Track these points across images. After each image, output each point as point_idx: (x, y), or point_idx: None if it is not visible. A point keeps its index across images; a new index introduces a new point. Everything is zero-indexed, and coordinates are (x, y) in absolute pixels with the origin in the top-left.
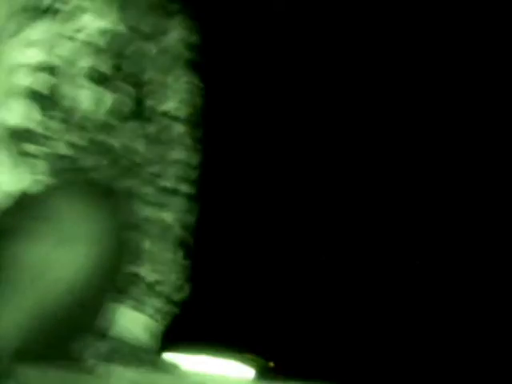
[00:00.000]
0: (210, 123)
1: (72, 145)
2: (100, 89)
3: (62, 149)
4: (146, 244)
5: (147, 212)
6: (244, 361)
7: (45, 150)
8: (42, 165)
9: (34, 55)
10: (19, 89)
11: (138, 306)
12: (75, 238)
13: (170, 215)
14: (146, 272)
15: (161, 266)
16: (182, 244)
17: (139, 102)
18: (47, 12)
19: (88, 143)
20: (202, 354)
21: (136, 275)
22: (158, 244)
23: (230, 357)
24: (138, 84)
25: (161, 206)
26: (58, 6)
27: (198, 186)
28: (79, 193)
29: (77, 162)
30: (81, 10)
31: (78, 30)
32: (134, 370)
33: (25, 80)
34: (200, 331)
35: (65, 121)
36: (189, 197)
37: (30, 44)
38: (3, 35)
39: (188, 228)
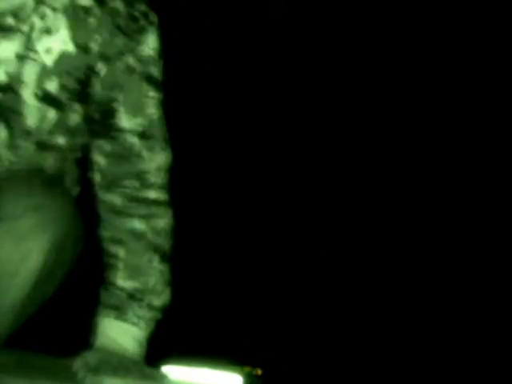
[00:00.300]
0: (212, 123)
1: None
2: (45, 106)
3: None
4: (121, 253)
5: (118, 222)
6: (232, 369)
7: None
8: None
9: None
10: None
11: (121, 316)
12: (26, 232)
13: (141, 223)
14: (124, 281)
15: (137, 273)
16: (156, 250)
17: (93, 118)
18: (8, 31)
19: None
20: (191, 365)
21: (114, 285)
22: (132, 252)
23: (217, 366)
24: (89, 102)
25: (130, 215)
26: (16, 25)
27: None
28: (26, 187)
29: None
30: (34, 29)
31: (29, 49)
32: (122, 380)
33: None
34: (187, 342)
35: (10, 134)
36: (158, 203)
37: None
38: None
39: (161, 233)
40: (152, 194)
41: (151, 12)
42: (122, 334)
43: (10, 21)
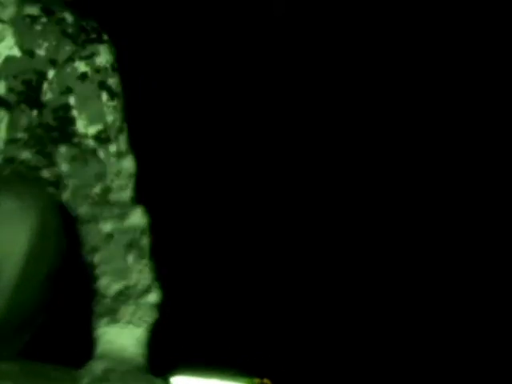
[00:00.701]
0: (211, 123)
1: None
2: None
3: None
4: (96, 259)
5: (88, 230)
6: (240, 380)
7: None
8: None
9: None
10: None
11: (112, 319)
12: (12, 217)
13: (108, 224)
14: (106, 287)
15: (116, 275)
16: (128, 248)
17: (50, 125)
18: None
19: (2, 162)
20: (199, 376)
21: (99, 293)
22: (106, 256)
23: (226, 377)
24: (41, 106)
25: (96, 220)
26: None
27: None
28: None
29: None
30: None
31: None
32: None
33: None
34: (195, 353)
35: None
36: (123, 204)
37: None
38: None
39: (130, 231)
40: (114, 196)
41: (103, 31)
42: (118, 335)
43: None
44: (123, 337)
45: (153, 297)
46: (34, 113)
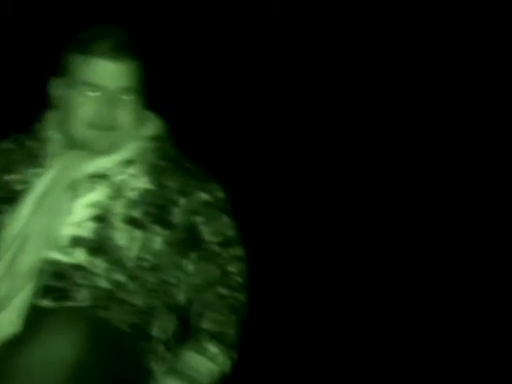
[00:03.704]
0: (211, 123)
1: (113, 281)
2: (131, 228)
3: (103, 283)
4: (206, 310)
5: (207, 293)
6: None
7: (88, 282)
8: (83, 292)
9: (91, 211)
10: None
11: (200, 350)
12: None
13: (224, 290)
14: (210, 326)
15: (222, 323)
16: (234, 311)
17: (177, 240)
18: (102, 179)
19: (127, 279)
20: None
21: (199, 328)
22: (219, 309)
23: None
24: (170, 227)
25: (220, 285)
26: (109, 174)
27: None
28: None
29: (115, 294)
30: (123, 181)
31: (119, 193)
32: None
33: (75, 230)
34: None
35: (109, 260)
36: (239, 286)
37: (90, 205)
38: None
39: (238, 302)
40: (231, 275)
41: (219, 185)
42: (198, 363)
43: (106, 171)
44: (201, 365)
45: (235, 355)
46: (167, 232)
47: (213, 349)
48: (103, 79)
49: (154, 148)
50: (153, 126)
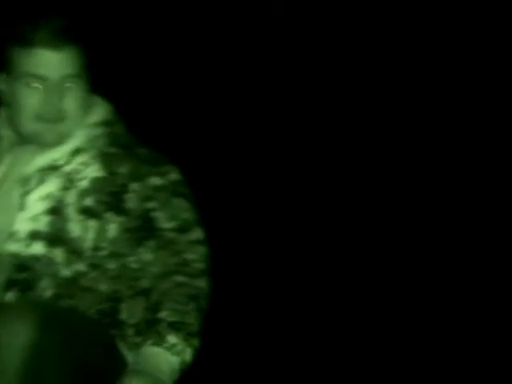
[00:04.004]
0: (211, 123)
1: (74, 270)
2: (85, 218)
3: (65, 271)
4: (164, 298)
5: (164, 279)
6: None
7: (50, 271)
8: (45, 281)
9: (45, 204)
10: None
11: (158, 342)
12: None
13: (181, 277)
14: (168, 315)
15: (179, 312)
16: (193, 299)
17: (132, 227)
18: (52, 170)
19: (88, 267)
20: None
21: (156, 319)
22: (176, 298)
23: None
24: (125, 214)
25: (176, 273)
26: (59, 165)
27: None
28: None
29: (78, 281)
30: (74, 171)
31: (71, 183)
32: None
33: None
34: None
35: (67, 251)
36: (199, 272)
37: (43, 198)
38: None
39: (199, 289)
40: (189, 263)
41: (174, 168)
42: (156, 356)
43: (56, 163)
44: (160, 358)
45: (196, 342)
46: (121, 219)
47: (171, 338)
48: (46, 69)
49: (103, 134)
50: (100, 111)
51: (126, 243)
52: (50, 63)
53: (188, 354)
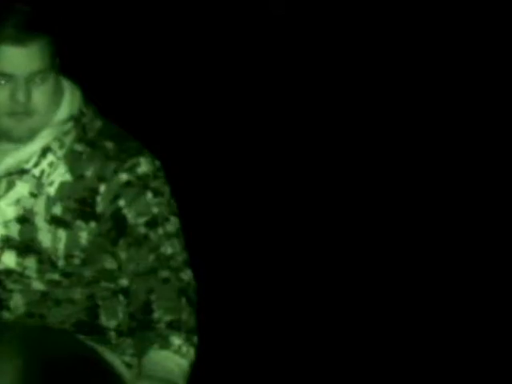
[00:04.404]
0: (211, 123)
1: (47, 281)
2: (54, 227)
3: (37, 285)
4: (153, 297)
5: (147, 277)
6: None
7: (21, 286)
8: (17, 298)
9: (15, 211)
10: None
11: (164, 345)
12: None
13: (166, 272)
14: (163, 314)
15: (170, 309)
16: (182, 293)
17: (106, 230)
18: (22, 174)
19: (61, 277)
20: None
21: (152, 321)
22: (163, 294)
23: None
24: (96, 219)
25: (160, 268)
26: (30, 169)
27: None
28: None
29: (51, 295)
30: (44, 173)
31: (40, 188)
32: None
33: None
34: None
35: (39, 261)
36: (177, 267)
37: (13, 203)
38: None
39: (184, 281)
40: (168, 258)
41: (144, 149)
42: (166, 360)
43: (23, 165)
44: (170, 362)
45: (196, 339)
46: (92, 225)
47: (175, 340)
48: (12, 67)
49: (70, 130)
50: (68, 105)
51: (99, 248)
52: (16, 60)
53: (192, 353)
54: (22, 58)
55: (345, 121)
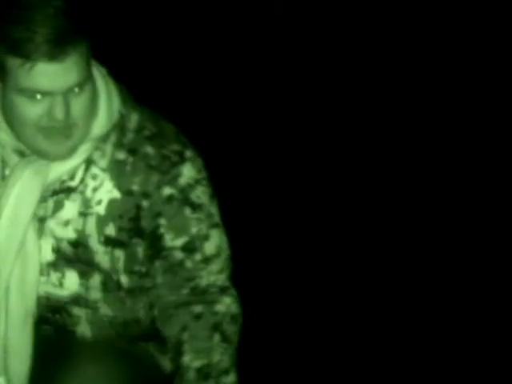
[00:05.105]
0: (211, 123)
1: (113, 302)
2: (110, 248)
3: (104, 309)
4: (185, 337)
5: (180, 310)
6: None
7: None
8: (84, 325)
9: (64, 232)
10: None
11: None
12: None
13: (199, 307)
14: (192, 359)
15: (201, 352)
16: (215, 328)
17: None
18: (69, 192)
19: (124, 294)
20: None
21: (182, 367)
22: (194, 332)
23: None
24: (144, 235)
25: (194, 302)
26: (75, 186)
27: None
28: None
29: (116, 318)
30: (88, 187)
31: (87, 206)
32: None
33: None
34: None
35: (103, 281)
36: (212, 293)
37: (63, 224)
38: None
39: (218, 314)
40: (203, 289)
41: (186, 149)
42: None
43: (69, 183)
44: None
45: (231, 378)
46: (143, 243)
47: None
48: (50, 85)
49: (109, 133)
50: (107, 109)
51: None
52: (53, 78)
53: None
54: (58, 74)
55: (345, 120)
